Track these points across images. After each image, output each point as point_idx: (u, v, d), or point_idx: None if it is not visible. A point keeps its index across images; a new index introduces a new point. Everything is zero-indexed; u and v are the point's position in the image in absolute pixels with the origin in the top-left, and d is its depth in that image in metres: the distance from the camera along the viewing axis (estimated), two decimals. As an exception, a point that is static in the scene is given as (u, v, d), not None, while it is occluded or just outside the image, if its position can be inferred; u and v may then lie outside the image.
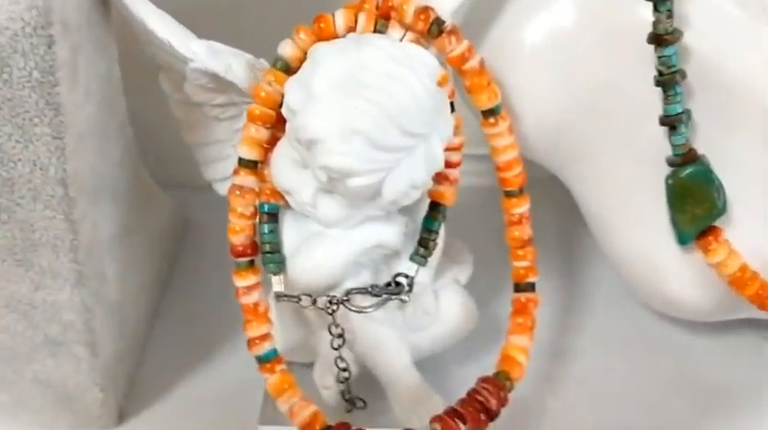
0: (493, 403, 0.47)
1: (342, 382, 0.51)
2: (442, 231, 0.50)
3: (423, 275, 0.50)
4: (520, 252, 0.51)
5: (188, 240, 0.64)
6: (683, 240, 0.48)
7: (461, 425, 0.45)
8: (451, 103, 0.47)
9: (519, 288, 0.51)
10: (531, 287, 0.51)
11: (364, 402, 0.52)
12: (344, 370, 0.50)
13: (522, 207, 0.50)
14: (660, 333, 0.58)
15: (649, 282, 0.51)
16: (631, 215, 0.50)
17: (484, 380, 0.48)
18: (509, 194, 0.50)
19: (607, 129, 0.49)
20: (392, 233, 0.47)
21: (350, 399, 0.52)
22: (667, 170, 0.47)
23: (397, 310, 0.51)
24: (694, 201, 0.46)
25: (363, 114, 0.42)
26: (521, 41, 0.50)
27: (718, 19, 0.46)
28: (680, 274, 0.50)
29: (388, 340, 0.51)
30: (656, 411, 0.54)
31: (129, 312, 0.54)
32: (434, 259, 0.51)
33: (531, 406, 0.55)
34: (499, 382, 0.48)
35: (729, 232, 0.48)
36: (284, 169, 0.45)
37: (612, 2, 0.47)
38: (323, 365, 0.51)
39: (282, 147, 0.45)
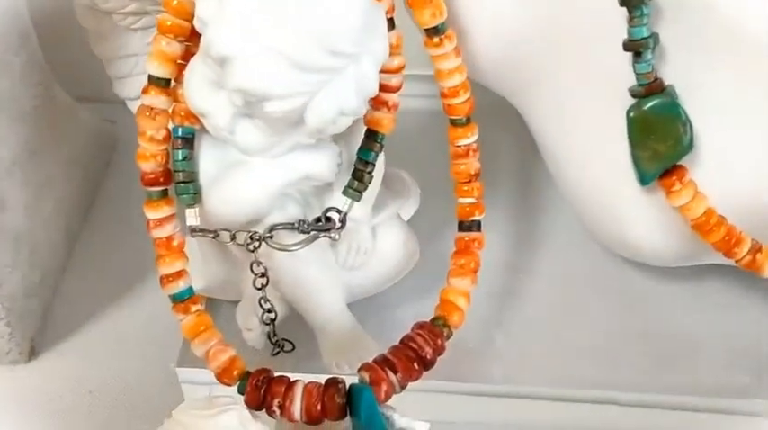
0: (428, 351, 0.43)
1: (267, 324, 0.46)
2: (381, 162, 0.46)
3: (358, 210, 0.45)
4: (465, 187, 0.47)
5: (116, 161, 0.59)
6: (644, 180, 0.43)
7: (392, 375, 0.41)
8: (390, 20, 0.42)
9: (463, 226, 0.47)
10: (476, 226, 0.47)
11: (293, 345, 0.48)
12: (269, 311, 0.46)
13: (468, 138, 0.46)
14: (620, 277, 0.54)
15: (606, 223, 0.47)
16: (589, 149, 0.45)
17: (419, 326, 0.44)
18: (455, 123, 0.46)
19: (566, 52, 0.45)
20: (323, 164, 0.43)
21: (277, 342, 0.48)
22: (630, 101, 0.42)
23: (329, 248, 0.47)
24: (657, 136, 0.42)
25: (282, 29, 0.36)
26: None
27: None
28: (639, 217, 0.45)
29: (317, 280, 0.46)
30: (614, 360, 0.51)
31: (41, 240, 0.50)
32: (371, 193, 0.46)
33: (481, 351, 0.51)
34: (436, 329, 0.43)
35: (696, 172, 0.43)
36: (198, 89, 0.40)
37: None
38: (247, 305, 0.47)
39: (196, 64, 0.40)
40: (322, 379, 0.40)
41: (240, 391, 0.41)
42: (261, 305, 0.46)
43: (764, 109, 0.42)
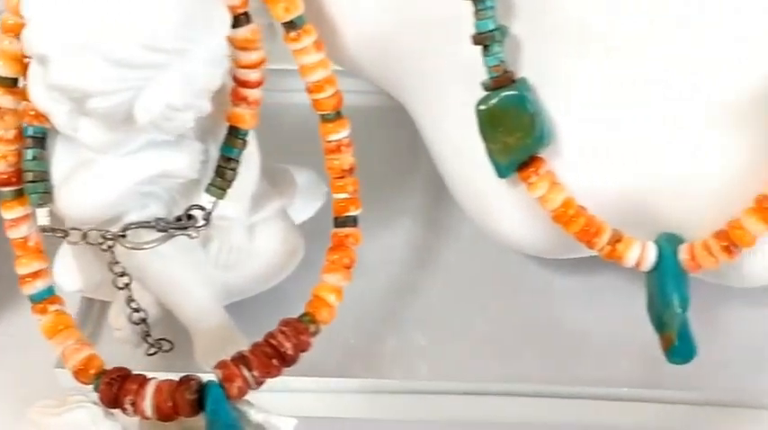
0: (288, 347, 0.42)
1: (137, 324, 0.46)
2: (255, 158, 0.46)
3: (230, 208, 0.45)
4: (339, 182, 0.46)
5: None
6: (501, 172, 0.43)
7: (247, 372, 0.41)
8: (245, 14, 0.42)
9: (338, 222, 0.46)
10: (352, 221, 0.46)
11: (171, 344, 0.48)
12: (137, 310, 0.46)
13: (339, 133, 0.46)
14: (516, 271, 0.54)
15: (481, 216, 0.46)
16: (458, 143, 0.45)
17: (284, 322, 0.43)
18: (324, 118, 0.45)
19: (429, 46, 0.44)
20: (182, 161, 0.43)
21: (154, 342, 0.47)
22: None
23: (200, 247, 0.46)
24: (506, 129, 0.41)
25: (97, 26, 0.36)
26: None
27: None
28: (506, 210, 0.45)
29: (183, 278, 0.46)
30: (511, 355, 0.51)
31: None
32: (245, 190, 0.46)
33: (373, 348, 0.51)
34: (301, 325, 0.43)
35: (556, 163, 0.43)
36: (37, 88, 0.40)
37: None
38: (118, 305, 0.47)
39: (32, 63, 0.40)
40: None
41: (95, 389, 0.41)
42: (128, 304, 0.46)
43: (620, 100, 0.42)
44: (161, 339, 0.48)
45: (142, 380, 0.41)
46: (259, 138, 0.48)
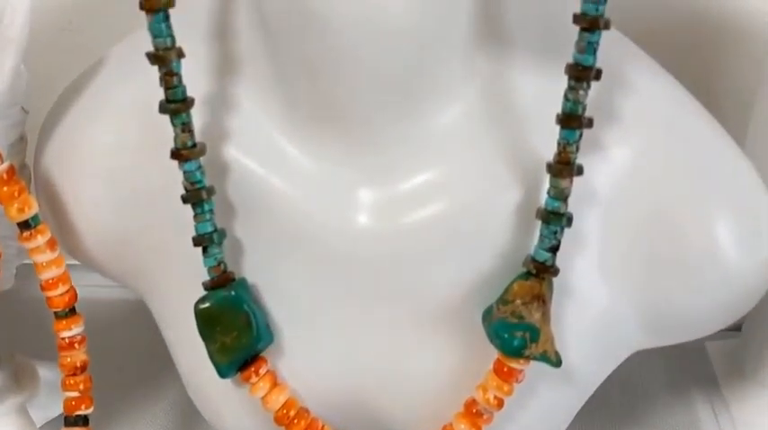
0: None
1: None
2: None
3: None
4: (71, 380, 0.46)
5: None
6: (221, 372, 0.43)
7: None
8: None
9: (69, 421, 0.46)
10: (82, 421, 0.46)
11: None
12: None
13: (72, 330, 0.46)
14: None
15: (208, 413, 0.47)
16: (189, 338, 0.46)
17: None
18: (57, 315, 0.46)
19: (162, 246, 0.45)
20: None
21: None
22: (210, 294, 0.43)
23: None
24: (223, 329, 0.42)
25: None
26: (76, 146, 0.46)
27: (258, 136, 0.43)
28: (231, 407, 0.45)
29: None
30: None
31: None
32: None
33: None
34: None
35: (279, 363, 0.44)
36: None
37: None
38: None
39: None
40: None
41: None
42: None
43: (336, 302, 0.43)
44: None
45: None
46: (6, 330, 0.48)
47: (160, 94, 0.41)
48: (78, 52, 0.53)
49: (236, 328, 0.42)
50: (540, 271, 0.41)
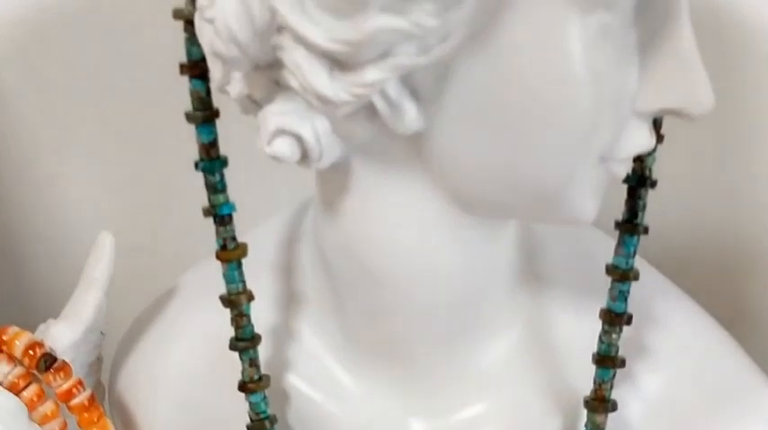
0: None
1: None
2: None
3: None
4: None
5: None
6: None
7: None
8: None
9: None
10: None
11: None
12: None
13: None
14: None
15: None
16: None
17: None
18: None
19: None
20: None
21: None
22: None
23: None
24: None
25: None
26: (150, 372, 0.50)
27: (316, 365, 0.47)
28: None
29: None
30: None
31: None
32: None
33: None
34: None
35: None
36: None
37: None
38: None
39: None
40: None
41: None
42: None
43: None
44: None
45: None
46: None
47: (229, 328, 0.45)
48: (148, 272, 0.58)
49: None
50: (581, 498, 0.43)
